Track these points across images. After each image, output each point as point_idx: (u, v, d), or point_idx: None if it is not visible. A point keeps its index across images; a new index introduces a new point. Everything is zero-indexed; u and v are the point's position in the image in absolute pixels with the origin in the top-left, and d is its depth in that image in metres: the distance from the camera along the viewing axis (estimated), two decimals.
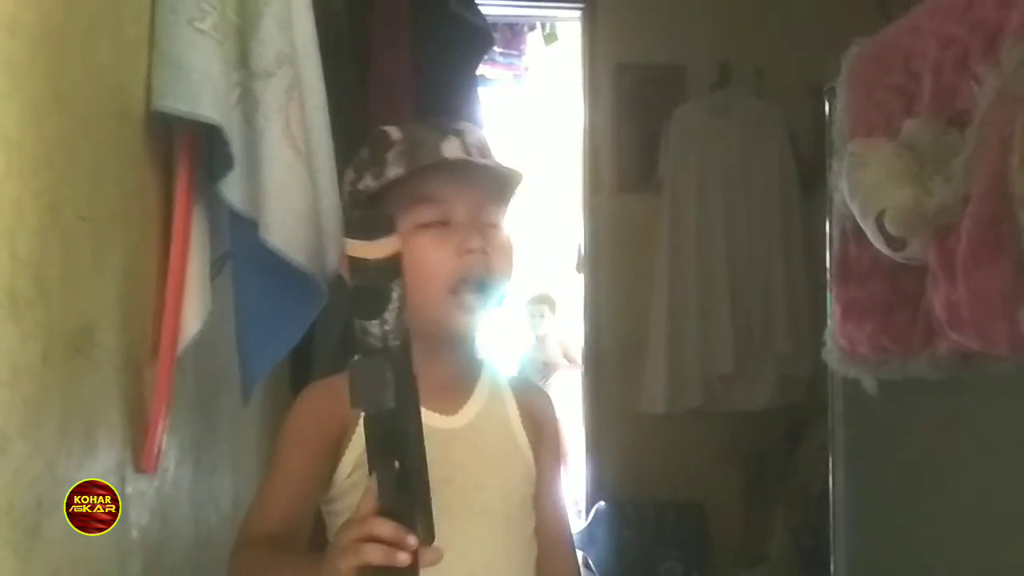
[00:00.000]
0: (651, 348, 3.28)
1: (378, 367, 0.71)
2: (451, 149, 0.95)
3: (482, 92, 2.93)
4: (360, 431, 0.92)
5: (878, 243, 1.20)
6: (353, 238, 0.73)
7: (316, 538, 0.95)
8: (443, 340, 0.96)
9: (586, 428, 3.46)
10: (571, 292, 3.81)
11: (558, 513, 1.03)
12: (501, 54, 4.58)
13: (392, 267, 0.73)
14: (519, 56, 4.76)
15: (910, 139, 1.17)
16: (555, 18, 3.88)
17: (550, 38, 4.25)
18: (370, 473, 0.75)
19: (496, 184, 0.98)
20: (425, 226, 0.94)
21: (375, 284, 0.72)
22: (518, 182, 0.99)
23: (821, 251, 3.05)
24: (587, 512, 3.30)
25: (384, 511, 0.73)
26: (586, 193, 3.49)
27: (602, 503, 3.22)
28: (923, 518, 1.32)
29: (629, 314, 3.35)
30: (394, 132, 0.98)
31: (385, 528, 0.72)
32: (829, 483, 1.60)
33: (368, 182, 0.98)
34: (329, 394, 0.95)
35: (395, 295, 0.73)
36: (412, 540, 0.72)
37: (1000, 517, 1.17)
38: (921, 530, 1.33)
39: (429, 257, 0.92)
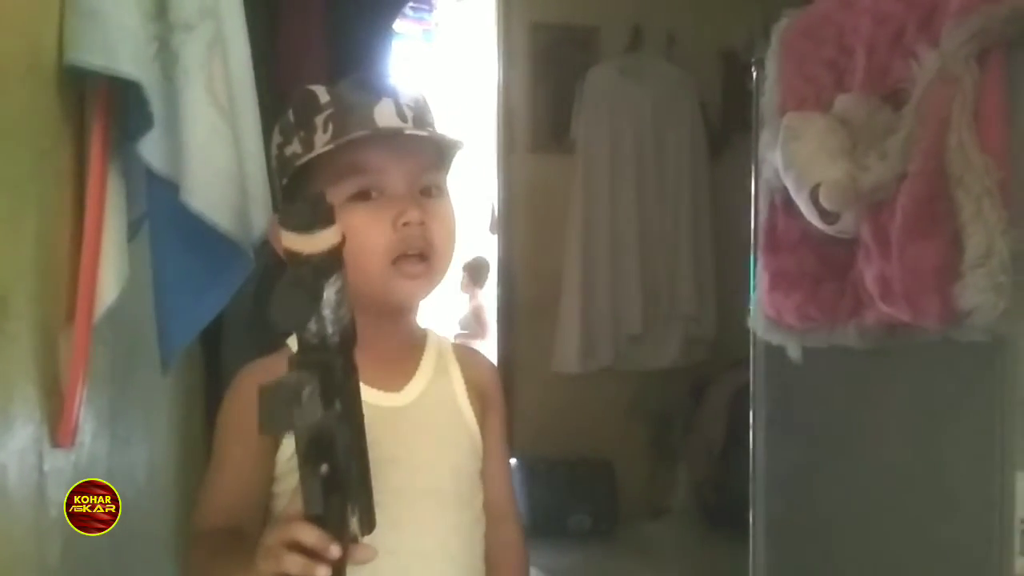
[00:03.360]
0: (564, 309, 3.32)
1: (290, 385, 0.67)
2: (384, 115, 0.91)
3: (394, 47, 2.87)
4: None
5: (811, 216, 1.25)
6: (288, 229, 0.69)
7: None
8: (387, 313, 0.94)
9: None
10: (485, 253, 3.80)
11: (505, 485, 1.02)
12: (411, 8, 4.48)
13: (331, 261, 0.70)
14: (429, 11, 4.66)
15: (843, 114, 1.21)
16: None
17: None
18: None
19: (435, 149, 0.94)
20: (358, 198, 0.90)
21: (308, 280, 0.68)
22: (457, 148, 0.96)
23: (727, 215, 3.18)
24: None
25: (310, 517, 0.70)
26: (500, 153, 3.47)
27: (514, 460, 3.27)
28: (840, 478, 1.39)
29: (542, 275, 3.38)
30: (322, 94, 0.93)
31: (308, 535, 0.69)
32: (742, 441, 1.67)
33: (296, 148, 0.93)
34: (263, 377, 0.92)
35: (335, 288, 0.70)
36: (335, 550, 0.69)
37: (915, 480, 1.24)
38: (837, 489, 1.40)
39: (364, 232, 0.88)
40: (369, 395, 0.91)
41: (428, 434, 0.94)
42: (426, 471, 0.92)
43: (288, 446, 0.91)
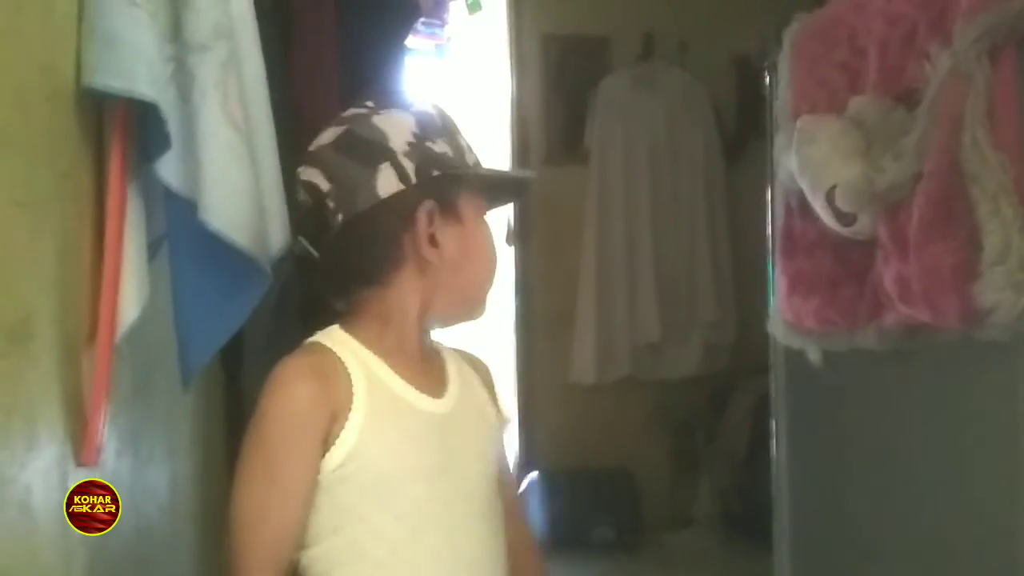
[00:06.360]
0: (580, 319, 3.31)
1: None
2: None
3: (407, 63, 2.88)
4: (354, 418, 0.86)
5: (828, 218, 1.24)
6: None
7: None
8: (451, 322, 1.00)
9: (518, 399, 3.48)
10: (502, 264, 3.81)
11: (513, 483, 1.05)
12: (423, 23, 4.50)
13: None
14: (441, 26, 4.68)
15: (857, 116, 1.21)
16: None
17: (474, 7, 4.19)
18: None
19: None
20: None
21: None
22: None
23: (744, 222, 3.17)
24: (520, 482, 3.33)
25: None
26: (514, 165, 3.48)
27: (535, 473, 3.26)
28: (863, 484, 1.38)
29: (559, 285, 3.38)
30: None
31: None
32: (765, 448, 1.66)
33: (444, 149, 0.93)
34: (313, 376, 0.87)
35: None
36: None
37: (940, 483, 1.23)
38: (861, 495, 1.39)
39: (493, 248, 0.98)
40: (421, 402, 0.92)
41: (466, 441, 0.94)
42: (466, 479, 0.92)
43: (339, 451, 0.85)
